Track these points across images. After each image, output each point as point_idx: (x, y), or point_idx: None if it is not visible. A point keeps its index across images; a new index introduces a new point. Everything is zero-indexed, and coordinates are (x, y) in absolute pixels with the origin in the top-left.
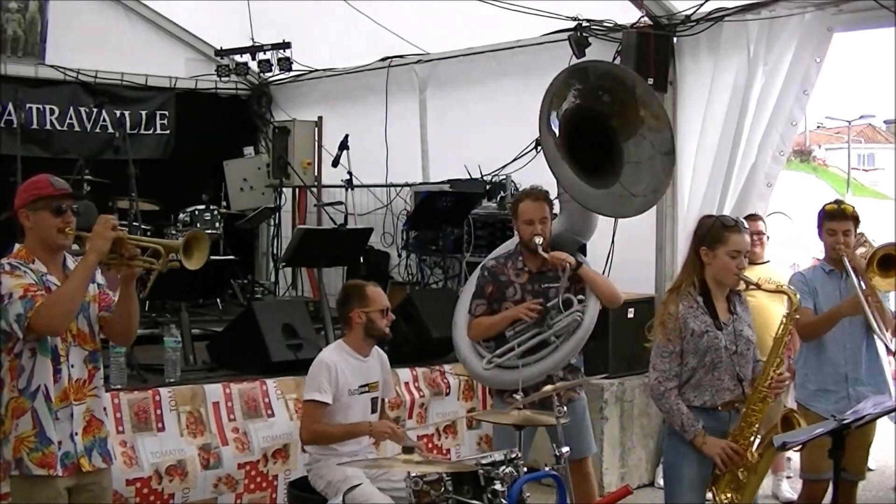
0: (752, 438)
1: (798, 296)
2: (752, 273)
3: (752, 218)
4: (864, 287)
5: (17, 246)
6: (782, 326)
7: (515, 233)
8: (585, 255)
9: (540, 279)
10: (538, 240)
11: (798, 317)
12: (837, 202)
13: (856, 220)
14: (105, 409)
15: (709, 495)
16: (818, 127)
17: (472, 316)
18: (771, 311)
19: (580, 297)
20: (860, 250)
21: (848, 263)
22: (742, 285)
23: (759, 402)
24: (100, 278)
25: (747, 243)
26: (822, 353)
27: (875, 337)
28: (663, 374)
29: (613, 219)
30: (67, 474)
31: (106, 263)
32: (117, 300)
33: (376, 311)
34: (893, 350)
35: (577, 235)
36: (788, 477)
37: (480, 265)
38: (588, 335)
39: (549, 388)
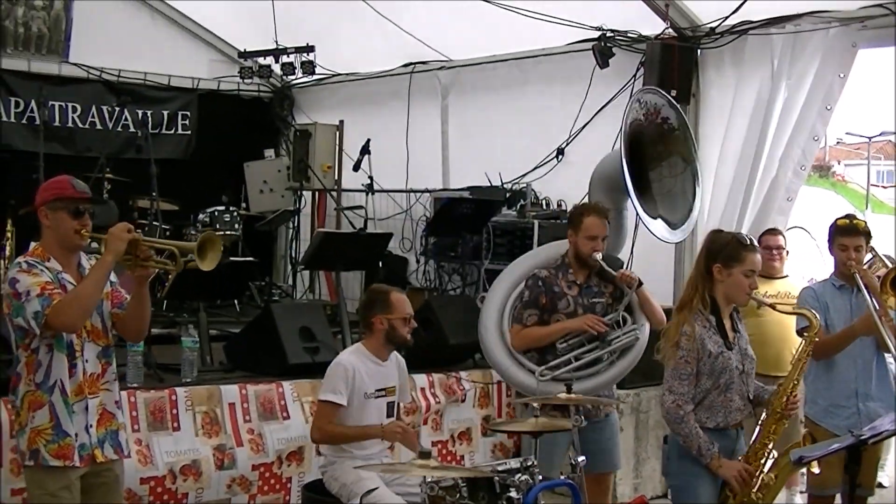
0: (763, 460)
1: (818, 317)
2: (771, 287)
3: (772, 232)
4: (876, 305)
5: (32, 244)
6: (801, 348)
7: (573, 245)
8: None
9: (587, 293)
10: (599, 256)
11: (818, 339)
12: (849, 217)
13: (868, 235)
14: (117, 402)
15: None
16: (838, 143)
17: (521, 325)
18: (790, 325)
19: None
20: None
21: (860, 279)
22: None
23: (775, 423)
24: (112, 276)
25: (760, 262)
26: (833, 369)
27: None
28: (682, 397)
29: (632, 231)
30: (84, 465)
31: (122, 264)
32: (131, 299)
33: (399, 318)
34: None
35: (609, 251)
36: (802, 492)
37: (532, 274)
38: (640, 355)
39: (563, 395)
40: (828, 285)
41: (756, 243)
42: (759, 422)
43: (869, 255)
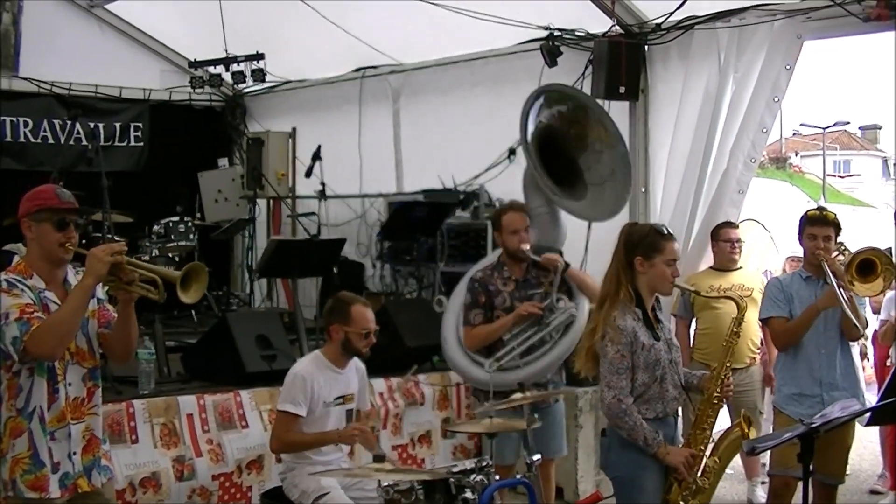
0: (703, 445)
1: (745, 302)
2: (726, 280)
3: (731, 226)
4: (842, 291)
5: (16, 259)
6: (729, 332)
7: (500, 245)
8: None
9: (525, 286)
10: (526, 247)
11: (743, 323)
12: (820, 208)
13: (837, 226)
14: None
15: None
16: (794, 134)
17: (470, 326)
18: (746, 317)
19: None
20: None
21: (827, 268)
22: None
23: (711, 408)
24: (100, 293)
25: (679, 250)
26: (799, 358)
27: (850, 344)
28: (621, 391)
29: (587, 226)
30: (66, 496)
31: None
32: (117, 321)
33: (356, 332)
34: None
35: (550, 245)
36: (763, 482)
37: (469, 278)
38: (582, 331)
39: (517, 396)
40: (795, 276)
41: (672, 232)
42: (695, 408)
43: (836, 252)
